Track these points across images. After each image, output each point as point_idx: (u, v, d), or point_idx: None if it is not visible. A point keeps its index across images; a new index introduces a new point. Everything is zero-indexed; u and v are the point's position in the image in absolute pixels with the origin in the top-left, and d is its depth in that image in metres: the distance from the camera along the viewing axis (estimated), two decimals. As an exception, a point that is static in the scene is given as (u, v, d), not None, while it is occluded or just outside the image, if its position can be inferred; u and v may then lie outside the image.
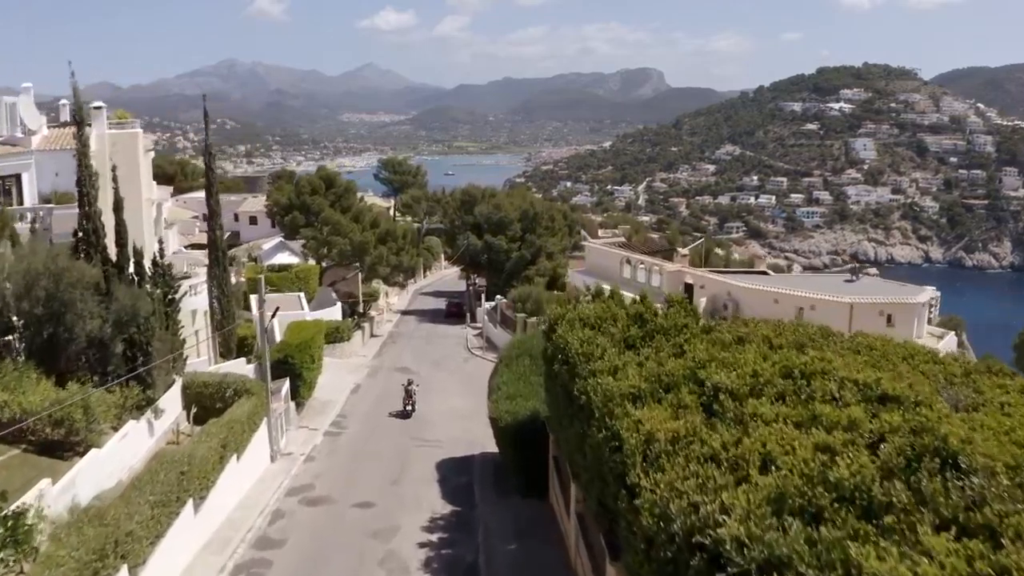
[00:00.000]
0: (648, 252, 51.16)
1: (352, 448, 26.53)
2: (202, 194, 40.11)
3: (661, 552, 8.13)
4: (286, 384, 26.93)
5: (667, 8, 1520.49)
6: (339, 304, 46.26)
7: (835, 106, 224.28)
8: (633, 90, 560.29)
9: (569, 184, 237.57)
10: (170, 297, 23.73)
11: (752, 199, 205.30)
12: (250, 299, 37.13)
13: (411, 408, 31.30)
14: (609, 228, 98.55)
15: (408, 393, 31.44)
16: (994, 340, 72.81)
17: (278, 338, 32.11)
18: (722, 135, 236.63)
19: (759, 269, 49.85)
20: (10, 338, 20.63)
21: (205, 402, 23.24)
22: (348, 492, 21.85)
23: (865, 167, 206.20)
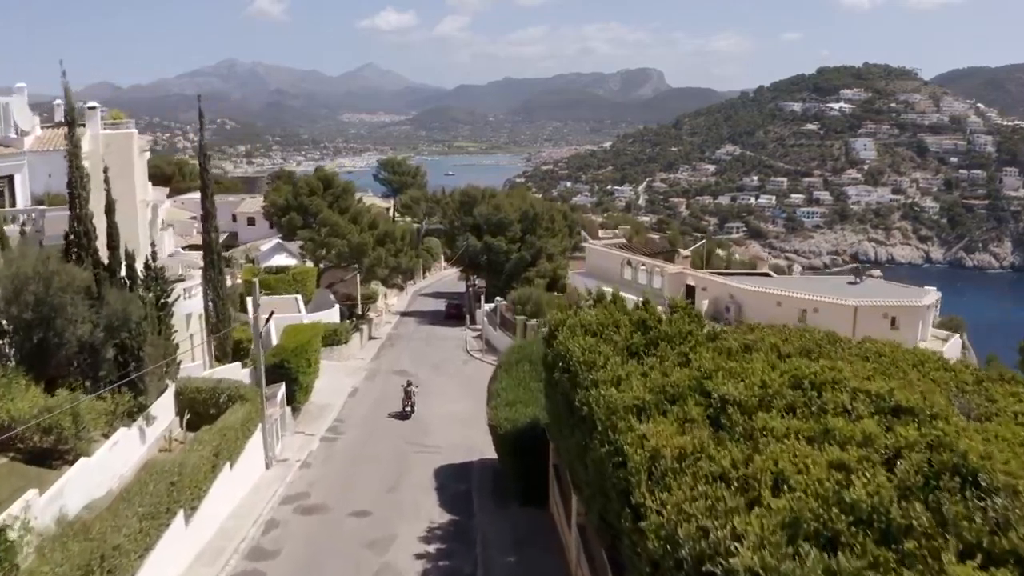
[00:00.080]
0: (649, 254, 50.71)
1: (349, 454, 26.09)
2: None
3: (668, 578, 7.72)
4: (282, 389, 26.49)
5: (667, 8, 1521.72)
6: (337, 306, 45.84)
7: (835, 106, 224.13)
8: (633, 90, 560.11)
9: (569, 184, 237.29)
10: (163, 301, 23.27)
11: (752, 199, 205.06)
12: (247, 301, 36.69)
13: (410, 409, 31.38)
14: (609, 228, 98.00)
15: (407, 394, 31.54)
16: (994, 340, 72.47)
17: (275, 342, 31.71)
18: (722, 135, 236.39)
19: (761, 271, 49.36)
20: (-2, 343, 20.22)
21: (199, 408, 22.79)
22: (344, 500, 21.42)
23: (865, 167, 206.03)
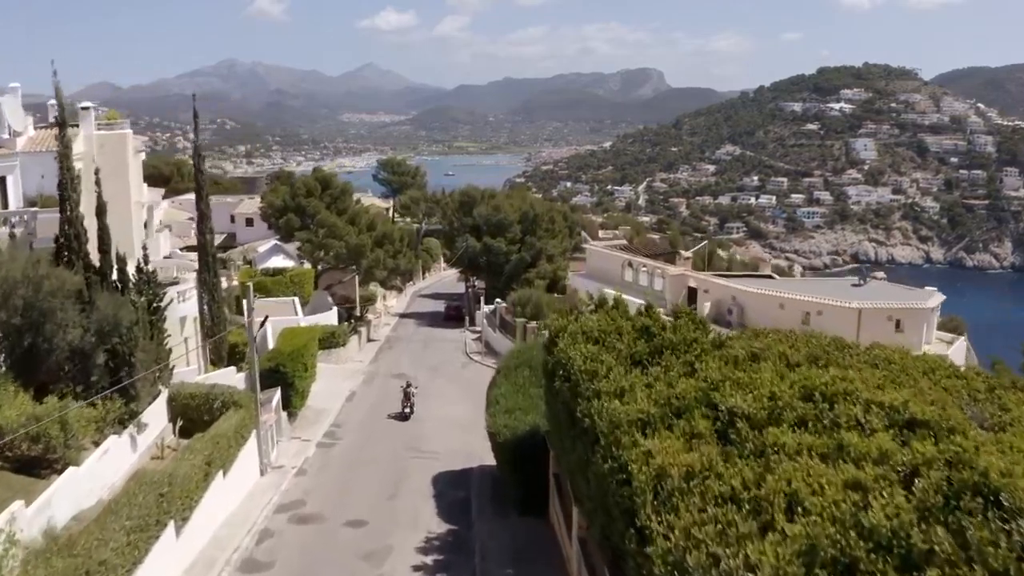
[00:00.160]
0: (650, 255, 50.25)
1: (345, 460, 25.63)
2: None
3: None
4: (277, 394, 26.04)
5: (667, 8, 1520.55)
6: (335, 308, 45.39)
7: (835, 106, 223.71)
8: (633, 90, 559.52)
9: (569, 184, 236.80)
10: (155, 305, 22.82)
11: (752, 199, 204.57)
12: (243, 304, 36.27)
13: (409, 410, 31.35)
14: (610, 229, 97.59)
15: (406, 395, 31.59)
16: (995, 341, 72.06)
17: (271, 345, 31.28)
18: (722, 135, 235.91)
19: (764, 273, 48.92)
20: (-14, 349, 19.77)
21: (192, 414, 22.34)
22: (340, 508, 20.97)
23: (865, 167, 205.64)
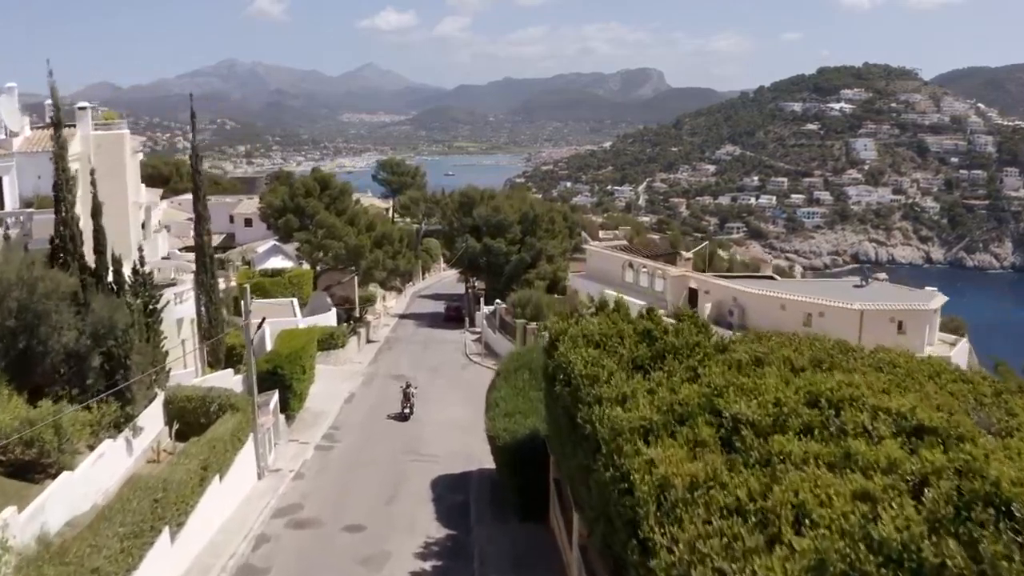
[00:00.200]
0: (651, 256, 50.01)
1: (344, 463, 25.41)
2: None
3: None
4: (275, 397, 25.80)
5: (667, 8, 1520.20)
6: (334, 309, 45.17)
7: (835, 106, 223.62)
8: (633, 90, 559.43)
9: (569, 184, 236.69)
10: (151, 307, 22.59)
11: (752, 199, 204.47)
12: (241, 305, 36.04)
13: (409, 411, 31.41)
14: (610, 229, 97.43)
15: (406, 395, 31.65)
16: (995, 341, 72.07)
17: (269, 347, 31.06)
18: (722, 135, 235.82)
19: (765, 274, 48.67)
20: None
21: (188, 417, 22.10)
22: (338, 513, 20.75)
23: (866, 167, 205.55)
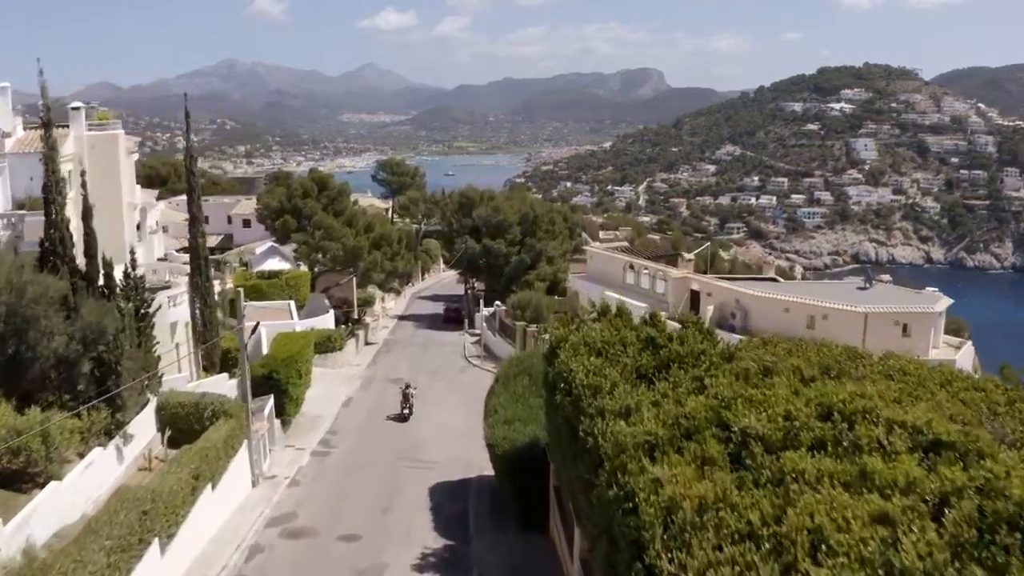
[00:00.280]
0: (652, 257, 49.54)
1: (340, 470, 24.96)
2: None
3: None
4: (270, 402, 25.35)
5: (667, 8, 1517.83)
6: (331, 311, 44.68)
7: (836, 106, 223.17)
8: (633, 90, 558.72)
9: (569, 184, 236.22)
10: (143, 311, 22.14)
11: (753, 199, 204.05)
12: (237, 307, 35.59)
13: (408, 412, 31.48)
14: (610, 229, 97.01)
15: (405, 396, 31.76)
16: (995, 341, 71.76)
17: (265, 350, 30.62)
18: (722, 135, 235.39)
19: (768, 276, 48.22)
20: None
21: (181, 424, 21.65)
22: (333, 522, 20.31)
23: (866, 167, 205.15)
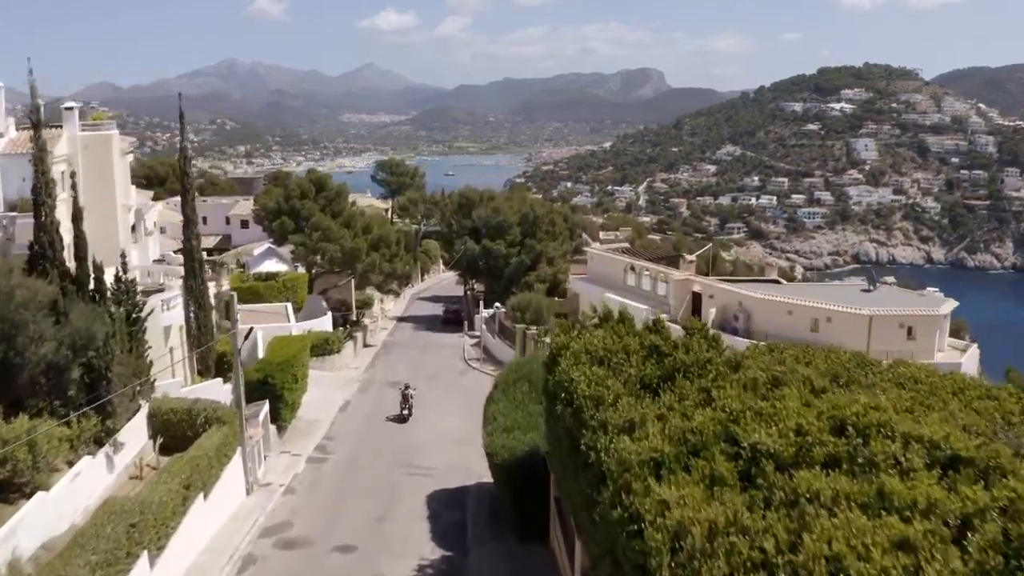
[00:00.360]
0: (653, 259, 49.06)
1: (336, 477, 24.52)
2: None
3: None
4: (265, 407, 24.89)
5: (667, 8, 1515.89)
6: (329, 313, 44.22)
7: (836, 106, 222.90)
8: (633, 90, 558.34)
9: (569, 184, 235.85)
10: (134, 316, 21.69)
11: (753, 200, 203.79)
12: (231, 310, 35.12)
13: (408, 412, 31.54)
14: (610, 230, 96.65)
15: (405, 397, 31.84)
16: (995, 341, 71.42)
17: (261, 354, 30.16)
18: (723, 135, 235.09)
19: (771, 277, 47.76)
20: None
21: (174, 431, 21.18)
22: (329, 532, 19.86)
23: (866, 167, 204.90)
